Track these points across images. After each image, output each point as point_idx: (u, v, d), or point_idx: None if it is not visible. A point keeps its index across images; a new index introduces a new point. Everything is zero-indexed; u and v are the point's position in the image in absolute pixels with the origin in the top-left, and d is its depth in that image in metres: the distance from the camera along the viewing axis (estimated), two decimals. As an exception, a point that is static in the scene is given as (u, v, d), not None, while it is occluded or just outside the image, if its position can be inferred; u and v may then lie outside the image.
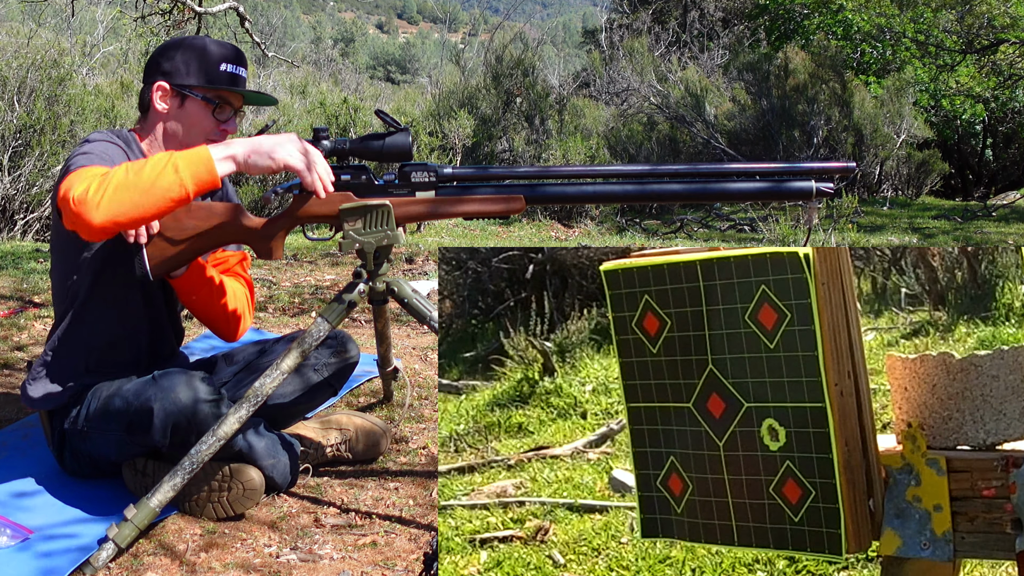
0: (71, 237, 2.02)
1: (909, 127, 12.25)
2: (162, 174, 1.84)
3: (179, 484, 1.99)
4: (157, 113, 2.20)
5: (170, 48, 2.22)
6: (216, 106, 2.20)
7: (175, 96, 2.19)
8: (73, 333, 2.22)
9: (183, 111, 2.19)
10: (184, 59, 2.19)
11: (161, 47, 2.25)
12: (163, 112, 2.20)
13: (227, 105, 2.22)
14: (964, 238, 8.50)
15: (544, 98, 11.39)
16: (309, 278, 4.89)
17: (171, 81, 2.18)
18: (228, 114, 2.22)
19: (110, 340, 2.24)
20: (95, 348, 2.23)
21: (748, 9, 16.91)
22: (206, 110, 2.19)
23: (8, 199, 7.11)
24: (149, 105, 2.21)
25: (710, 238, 8.88)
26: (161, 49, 2.24)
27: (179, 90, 2.18)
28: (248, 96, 2.28)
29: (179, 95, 2.19)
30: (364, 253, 2.07)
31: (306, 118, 9.86)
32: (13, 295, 4.26)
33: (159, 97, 2.19)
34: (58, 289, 2.24)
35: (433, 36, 63.98)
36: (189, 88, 2.18)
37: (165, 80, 2.18)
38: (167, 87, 2.18)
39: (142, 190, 1.82)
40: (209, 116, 2.20)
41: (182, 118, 2.19)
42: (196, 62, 2.18)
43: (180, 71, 2.18)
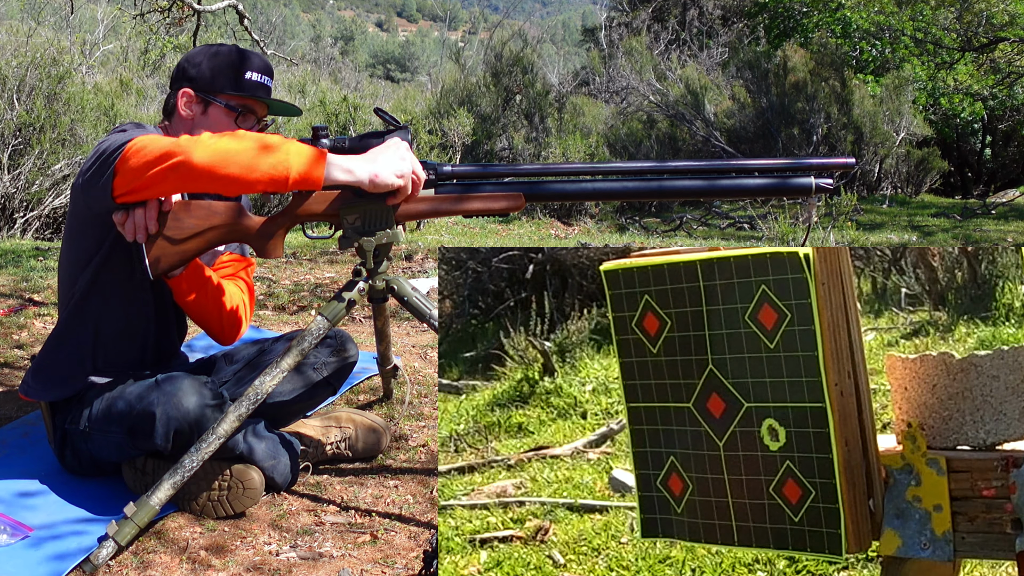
0: (92, 222, 2.06)
1: (908, 125, 12.25)
2: (275, 149, 1.88)
3: (179, 482, 1.99)
4: (181, 118, 2.22)
5: (198, 55, 2.24)
6: (239, 114, 2.21)
7: (199, 102, 2.20)
8: (78, 324, 2.21)
9: (206, 117, 2.20)
10: (210, 66, 2.20)
11: (190, 53, 2.27)
12: (187, 118, 2.21)
13: (251, 114, 2.23)
14: (963, 236, 8.50)
15: (544, 96, 11.39)
16: (309, 276, 4.89)
17: (196, 88, 2.20)
18: (251, 123, 2.24)
19: (116, 333, 2.23)
20: (100, 342, 2.22)
21: (747, 7, 16.91)
22: (229, 117, 2.20)
23: (8, 197, 7.11)
24: (174, 110, 2.23)
25: (710, 236, 8.88)
26: (190, 55, 2.26)
27: (203, 96, 2.20)
28: (272, 105, 2.28)
29: (203, 101, 2.20)
30: (364, 251, 2.07)
31: (306, 116, 9.86)
32: (13, 293, 4.26)
33: (184, 103, 2.21)
34: (65, 279, 2.23)
35: (433, 34, 63.96)
36: (213, 95, 2.19)
37: (190, 86, 2.20)
38: (192, 93, 2.20)
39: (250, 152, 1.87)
40: (231, 124, 2.21)
41: (205, 124, 2.20)
42: (222, 69, 2.20)
43: (206, 78, 2.20)
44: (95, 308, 2.20)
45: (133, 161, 1.90)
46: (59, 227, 7.29)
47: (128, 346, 2.27)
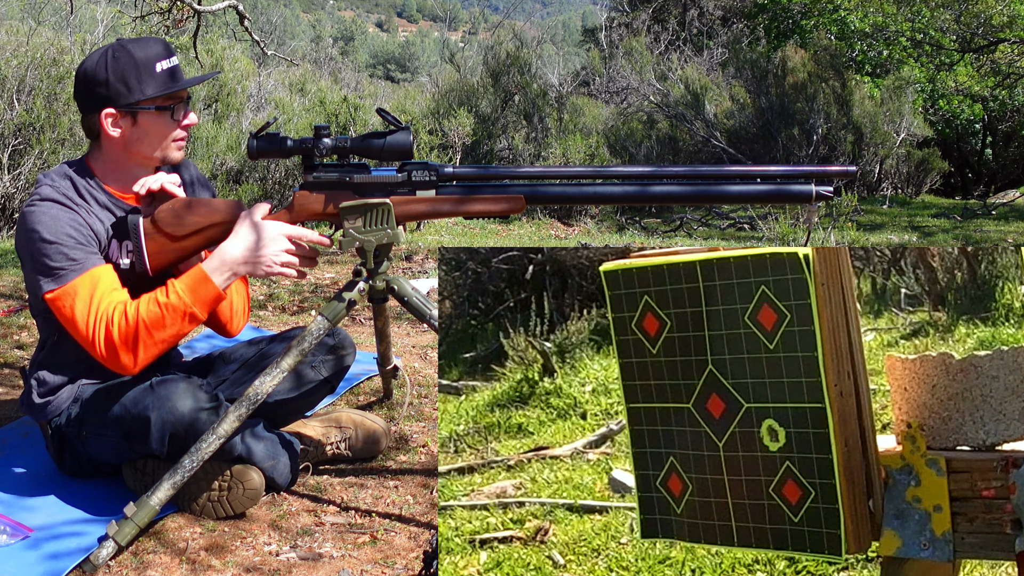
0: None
1: (909, 125, 12.25)
2: (173, 306, 2.03)
3: (179, 482, 1.99)
4: (112, 139, 2.13)
5: (97, 70, 2.10)
6: (171, 109, 2.14)
7: (125, 116, 2.11)
8: (59, 350, 2.20)
9: (139, 128, 2.12)
10: (119, 77, 2.08)
11: (86, 74, 2.12)
12: (119, 137, 2.13)
13: (179, 103, 2.16)
14: (964, 236, 8.50)
15: (543, 96, 11.39)
16: (309, 276, 4.89)
17: (116, 105, 2.10)
18: (183, 110, 2.17)
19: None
20: (84, 358, 2.15)
21: (747, 8, 16.91)
22: (163, 117, 2.13)
23: (8, 197, 7.11)
24: (100, 133, 2.13)
25: (710, 236, 8.88)
26: (87, 75, 2.12)
27: (128, 110, 2.10)
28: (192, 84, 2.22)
29: (129, 114, 2.11)
30: (364, 251, 2.07)
31: (305, 116, 9.85)
32: (13, 293, 4.26)
33: (110, 124, 2.11)
34: (40, 317, 2.22)
35: (433, 35, 63.95)
36: (137, 104, 2.10)
37: (110, 106, 2.10)
38: (115, 111, 2.10)
39: (162, 338, 2.04)
40: (167, 122, 2.14)
41: (140, 134, 2.13)
42: (132, 75, 2.09)
43: (121, 92, 2.09)
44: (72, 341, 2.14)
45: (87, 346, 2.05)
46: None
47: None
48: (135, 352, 2.03)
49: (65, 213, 2.08)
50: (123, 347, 2.02)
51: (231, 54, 10.45)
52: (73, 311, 2.03)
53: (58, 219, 2.06)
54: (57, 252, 2.03)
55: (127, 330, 2.02)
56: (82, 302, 2.02)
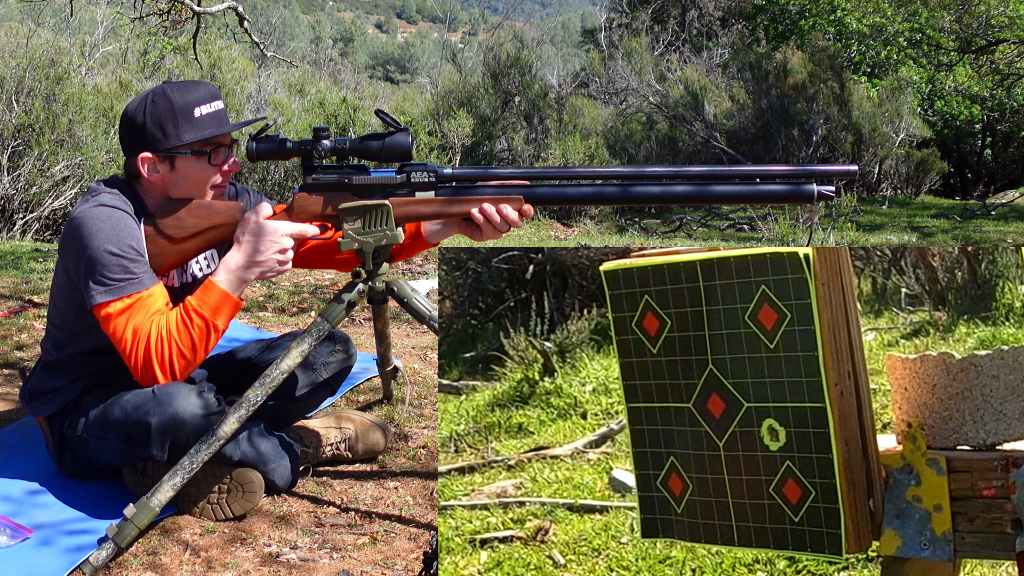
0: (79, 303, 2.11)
1: (908, 126, 12.26)
2: (202, 335, 2.06)
3: (179, 484, 1.99)
4: (151, 182, 2.12)
5: (137, 113, 2.09)
6: (209, 154, 2.12)
7: (163, 161, 2.09)
8: (70, 344, 2.21)
9: (177, 172, 2.10)
10: (156, 122, 2.07)
11: (126, 118, 2.12)
12: (157, 181, 2.12)
13: (220, 147, 2.14)
14: (963, 237, 8.50)
15: (543, 97, 11.40)
16: (308, 277, 4.89)
17: (154, 149, 2.08)
18: (224, 155, 2.15)
19: (107, 347, 2.21)
20: (92, 354, 2.19)
21: (747, 8, 16.92)
22: (201, 162, 2.11)
23: (7, 199, 7.11)
24: (139, 175, 2.12)
25: (710, 237, 8.89)
26: (127, 120, 2.11)
27: (166, 155, 2.09)
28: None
29: (167, 159, 2.09)
30: (363, 253, 2.07)
31: (305, 117, 9.86)
32: (13, 295, 4.26)
33: (148, 169, 2.10)
34: (55, 317, 2.24)
35: (432, 36, 63.93)
36: (175, 150, 2.08)
37: (147, 150, 2.08)
38: (151, 156, 2.09)
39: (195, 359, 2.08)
40: (206, 167, 2.12)
41: (178, 179, 2.11)
42: (171, 120, 2.07)
43: (158, 137, 2.07)
44: (86, 341, 2.18)
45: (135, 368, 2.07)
46: (59, 228, 7.29)
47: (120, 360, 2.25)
48: (172, 373, 2.06)
49: (126, 223, 2.07)
50: (160, 368, 2.05)
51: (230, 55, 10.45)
52: (123, 328, 2.03)
53: (119, 229, 2.05)
54: (117, 264, 2.02)
55: (167, 353, 2.04)
56: (133, 320, 2.03)
